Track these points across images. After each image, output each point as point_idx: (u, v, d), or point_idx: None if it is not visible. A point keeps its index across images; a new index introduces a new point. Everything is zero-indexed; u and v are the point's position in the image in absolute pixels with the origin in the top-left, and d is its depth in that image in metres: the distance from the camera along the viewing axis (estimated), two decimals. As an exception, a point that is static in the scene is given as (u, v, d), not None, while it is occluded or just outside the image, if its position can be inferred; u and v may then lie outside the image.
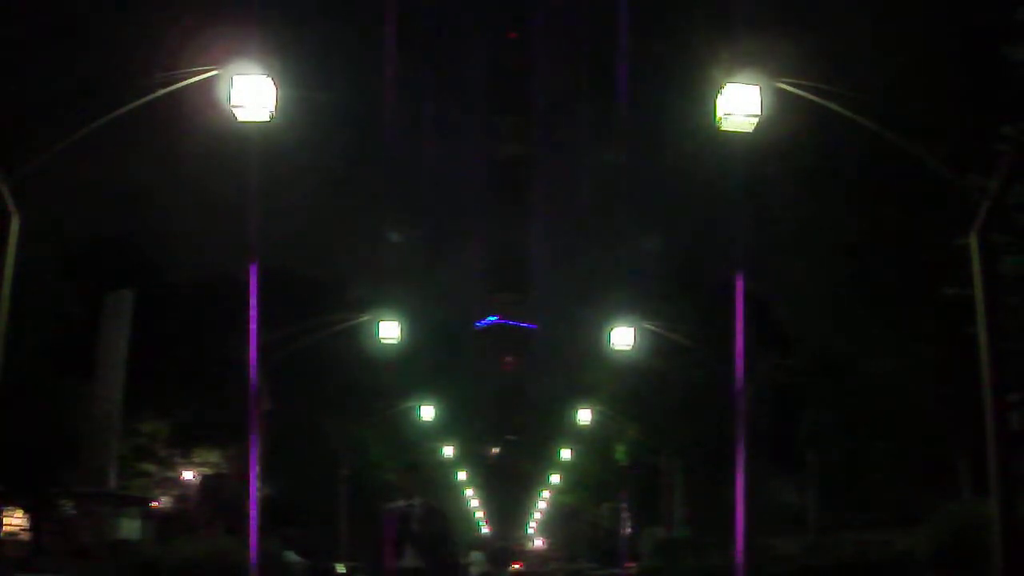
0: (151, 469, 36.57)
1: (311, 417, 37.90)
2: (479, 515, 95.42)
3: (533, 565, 68.37)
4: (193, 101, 13.07)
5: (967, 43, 18.31)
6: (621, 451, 42.40)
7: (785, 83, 12.50)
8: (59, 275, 28.42)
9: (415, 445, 47.41)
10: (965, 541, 16.82)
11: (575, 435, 49.77)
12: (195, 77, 12.48)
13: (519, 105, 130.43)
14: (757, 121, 12.52)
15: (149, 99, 12.46)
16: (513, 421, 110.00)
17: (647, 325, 26.22)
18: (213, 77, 12.54)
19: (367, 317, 26.30)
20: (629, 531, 43.67)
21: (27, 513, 30.15)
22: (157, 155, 38.52)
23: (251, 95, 12.56)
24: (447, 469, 62.68)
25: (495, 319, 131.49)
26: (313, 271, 46.26)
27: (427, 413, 41.73)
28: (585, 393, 42.62)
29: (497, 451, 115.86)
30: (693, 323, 26.78)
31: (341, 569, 35.78)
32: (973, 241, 12.16)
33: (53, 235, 26.28)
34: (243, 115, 12.73)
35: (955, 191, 12.64)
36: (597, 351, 33.92)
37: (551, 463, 66.99)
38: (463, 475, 72.30)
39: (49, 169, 12.51)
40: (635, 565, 39.29)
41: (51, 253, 26.80)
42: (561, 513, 78.15)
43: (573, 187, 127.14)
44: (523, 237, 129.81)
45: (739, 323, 20.03)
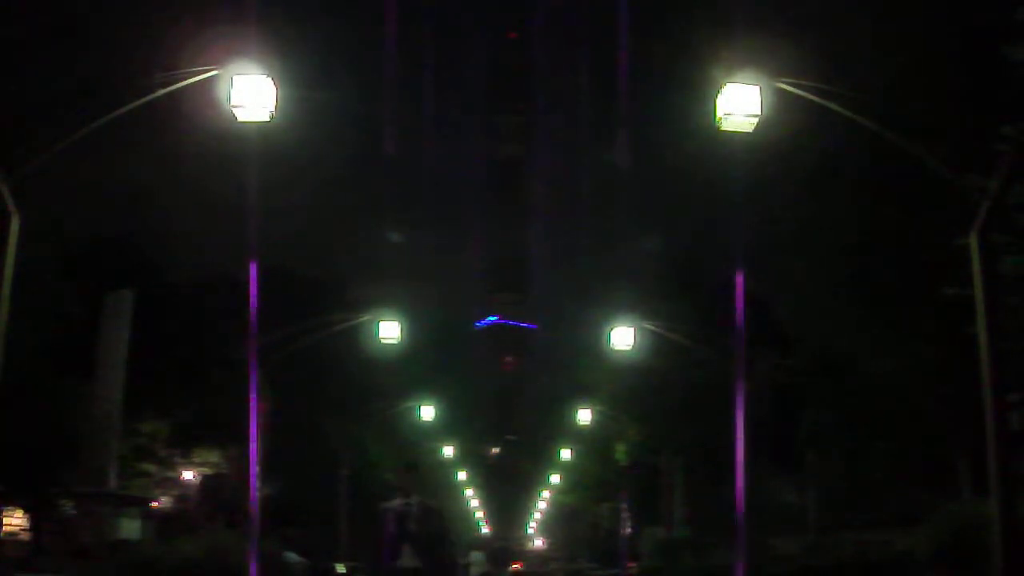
0: (151, 469, 36.53)
1: (311, 417, 37.89)
2: (479, 515, 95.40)
3: (533, 565, 68.21)
4: (193, 101, 13.07)
5: (967, 43, 18.33)
6: (621, 451, 42.39)
7: (785, 83, 12.50)
8: (59, 275, 28.41)
9: (415, 445, 47.42)
10: (965, 541, 16.82)
11: (575, 435, 49.74)
12: (195, 77, 12.49)
13: (519, 105, 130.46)
14: (757, 121, 12.53)
15: (149, 99, 12.46)
16: (513, 421, 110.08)
17: (647, 325, 26.19)
18: (213, 77, 12.55)
19: (367, 317, 26.28)
20: (629, 531, 43.64)
21: (27, 513, 30.12)
22: (157, 155, 38.50)
23: (251, 95, 12.56)
24: (447, 469, 62.70)
25: (495, 319, 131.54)
26: (313, 271, 46.28)
27: (427, 413, 41.74)
28: (585, 393, 42.61)
29: (497, 451, 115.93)
30: (693, 323, 26.75)
31: (341, 569, 35.71)
32: (973, 241, 12.16)
33: (53, 235, 26.26)
34: (243, 115, 12.74)
35: (955, 191, 12.64)
36: (597, 351, 33.89)
37: (551, 463, 66.99)
38: (463, 475, 72.34)
39: (49, 169, 12.50)
40: (635, 565, 39.25)
41: (51, 253, 26.78)
42: (561, 513, 78.15)
43: (573, 187, 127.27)
44: (523, 237, 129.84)
45: (739, 323, 20.01)
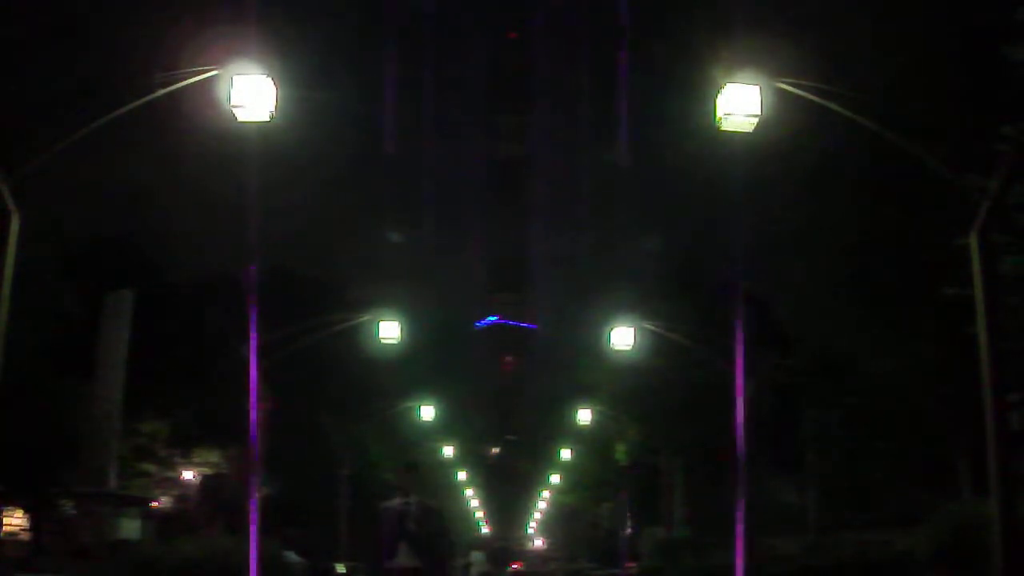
0: (151, 469, 36.52)
1: (311, 417, 37.92)
2: (479, 515, 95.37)
3: (533, 565, 68.27)
4: (193, 101, 13.05)
5: (967, 43, 18.35)
6: (621, 451, 42.41)
7: (785, 83, 12.49)
8: (59, 275, 28.42)
9: (415, 445, 47.39)
10: (965, 541, 16.82)
11: (575, 435, 49.73)
12: (195, 77, 12.47)
13: (519, 105, 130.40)
14: (757, 121, 12.52)
15: (149, 99, 12.45)
16: (513, 421, 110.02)
17: (647, 325, 26.15)
18: (213, 77, 12.52)
19: (367, 317, 26.24)
20: (629, 531, 43.65)
21: (27, 513, 30.12)
22: (157, 155, 38.49)
23: (251, 95, 12.54)
24: (447, 469, 62.67)
25: (495, 319, 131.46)
26: (313, 271, 46.34)
27: (427, 413, 41.70)
28: (585, 393, 42.60)
29: (497, 451, 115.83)
30: (693, 323, 26.74)
31: (341, 569, 35.73)
32: (973, 241, 12.15)
33: (53, 235, 26.26)
34: (243, 115, 12.72)
35: (955, 191, 12.63)
36: (597, 351, 33.88)
37: (551, 463, 66.96)
38: (463, 475, 72.31)
39: (49, 169, 12.48)
40: (635, 565, 39.25)
41: (51, 253, 26.78)
42: (561, 513, 78.14)
43: (573, 187, 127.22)
44: (523, 237, 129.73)
45: (739, 323, 20.01)
